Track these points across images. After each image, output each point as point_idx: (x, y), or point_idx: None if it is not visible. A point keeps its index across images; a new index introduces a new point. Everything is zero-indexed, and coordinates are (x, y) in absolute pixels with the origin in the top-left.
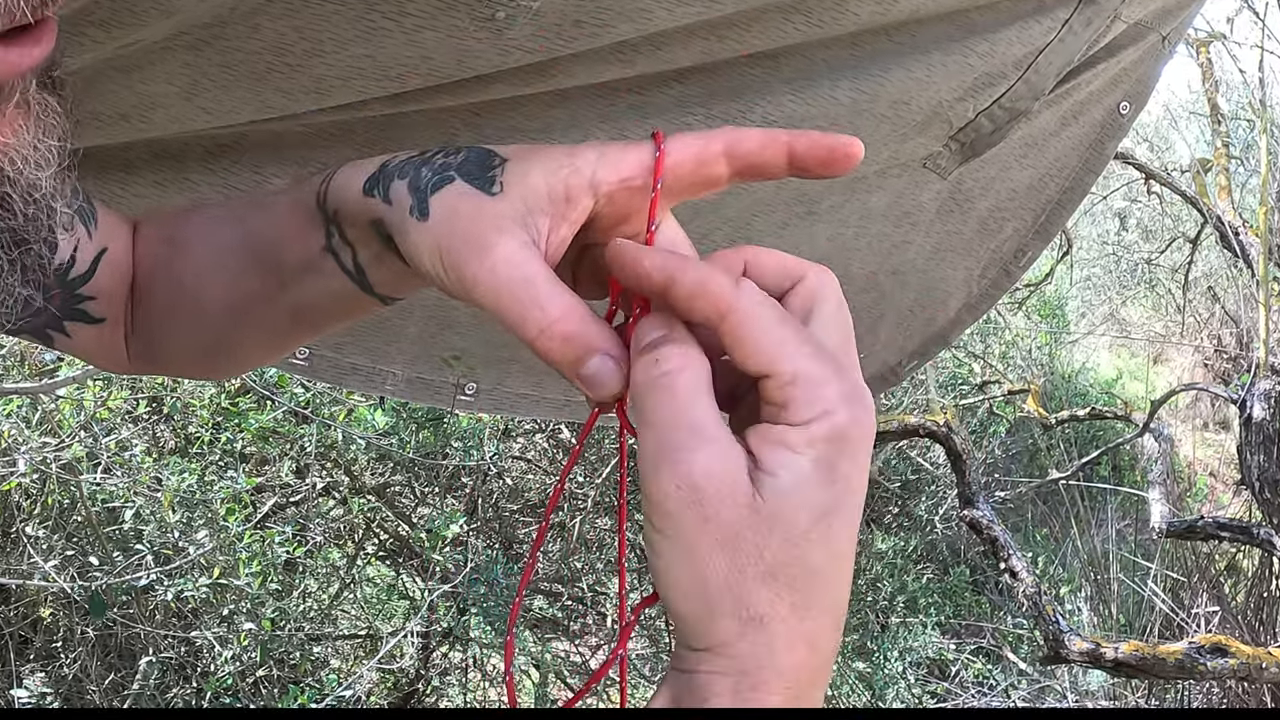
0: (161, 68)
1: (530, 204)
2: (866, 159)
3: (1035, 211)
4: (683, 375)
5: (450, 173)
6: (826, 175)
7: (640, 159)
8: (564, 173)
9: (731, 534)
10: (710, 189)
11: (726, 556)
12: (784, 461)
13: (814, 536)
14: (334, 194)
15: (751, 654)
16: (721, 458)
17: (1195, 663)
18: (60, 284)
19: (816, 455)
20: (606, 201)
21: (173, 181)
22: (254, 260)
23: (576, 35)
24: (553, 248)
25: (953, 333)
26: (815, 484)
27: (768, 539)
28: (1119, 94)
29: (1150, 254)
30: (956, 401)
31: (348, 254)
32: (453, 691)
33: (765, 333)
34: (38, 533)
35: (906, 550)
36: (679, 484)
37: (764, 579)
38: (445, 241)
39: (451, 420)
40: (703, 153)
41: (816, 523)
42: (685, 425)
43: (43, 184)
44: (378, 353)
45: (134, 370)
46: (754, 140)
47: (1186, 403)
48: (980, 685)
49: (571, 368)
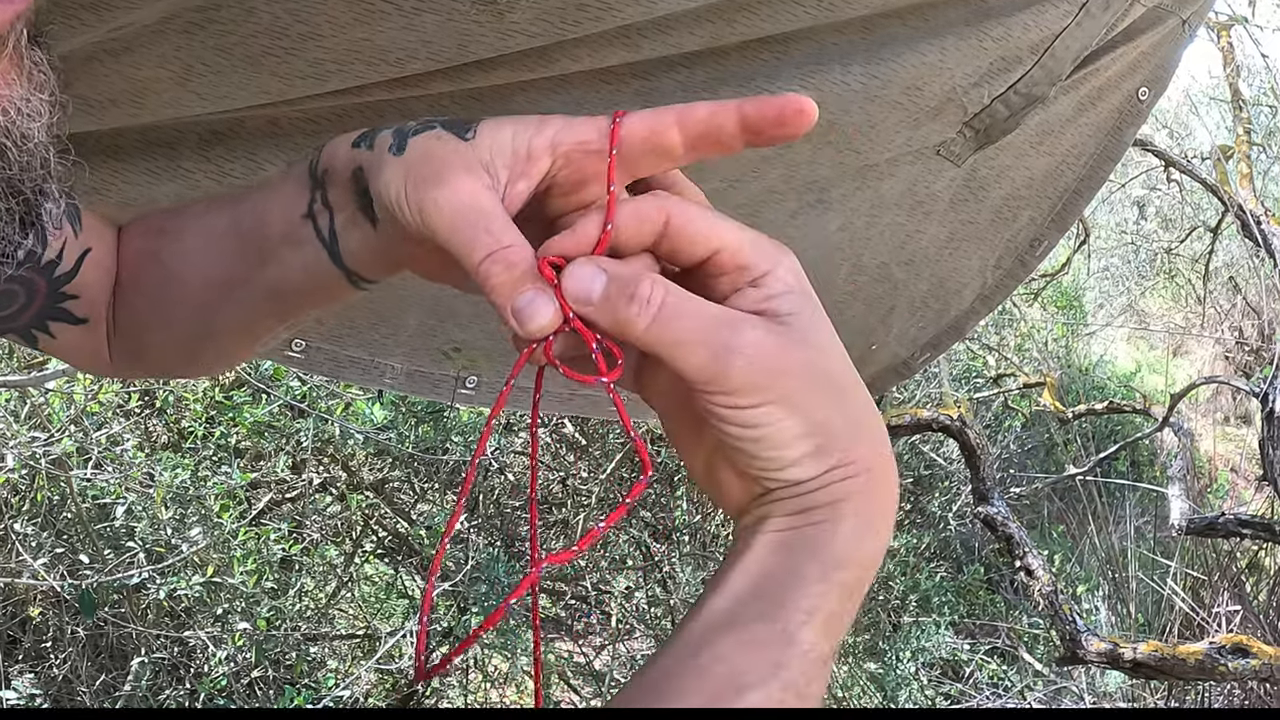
0: (154, 51)
1: (495, 153)
2: (878, 146)
3: (1052, 200)
4: (670, 296)
5: (433, 123)
6: (781, 137)
7: (598, 125)
8: (529, 133)
9: (806, 371)
10: (667, 160)
11: (815, 389)
12: (787, 304)
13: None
14: (326, 156)
15: (867, 452)
16: (752, 327)
17: (1216, 663)
18: (47, 279)
19: (798, 290)
20: (564, 163)
21: (166, 170)
22: (239, 239)
23: (580, 19)
24: (509, 199)
25: (967, 324)
26: (813, 310)
27: (824, 363)
28: (1138, 79)
29: (1170, 243)
30: (970, 395)
31: (325, 218)
32: (453, 693)
33: (703, 218)
34: (26, 530)
35: (919, 548)
36: (748, 360)
37: (839, 392)
38: (412, 173)
39: (452, 414)
40: (656, 122)
41: (833, 339)
42: (713, 323)
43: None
44: (376, 345)
45: (115, 372)
46: (704, 109)
47: (1207, 396)
48: (995, 686)
49: (508, 297)
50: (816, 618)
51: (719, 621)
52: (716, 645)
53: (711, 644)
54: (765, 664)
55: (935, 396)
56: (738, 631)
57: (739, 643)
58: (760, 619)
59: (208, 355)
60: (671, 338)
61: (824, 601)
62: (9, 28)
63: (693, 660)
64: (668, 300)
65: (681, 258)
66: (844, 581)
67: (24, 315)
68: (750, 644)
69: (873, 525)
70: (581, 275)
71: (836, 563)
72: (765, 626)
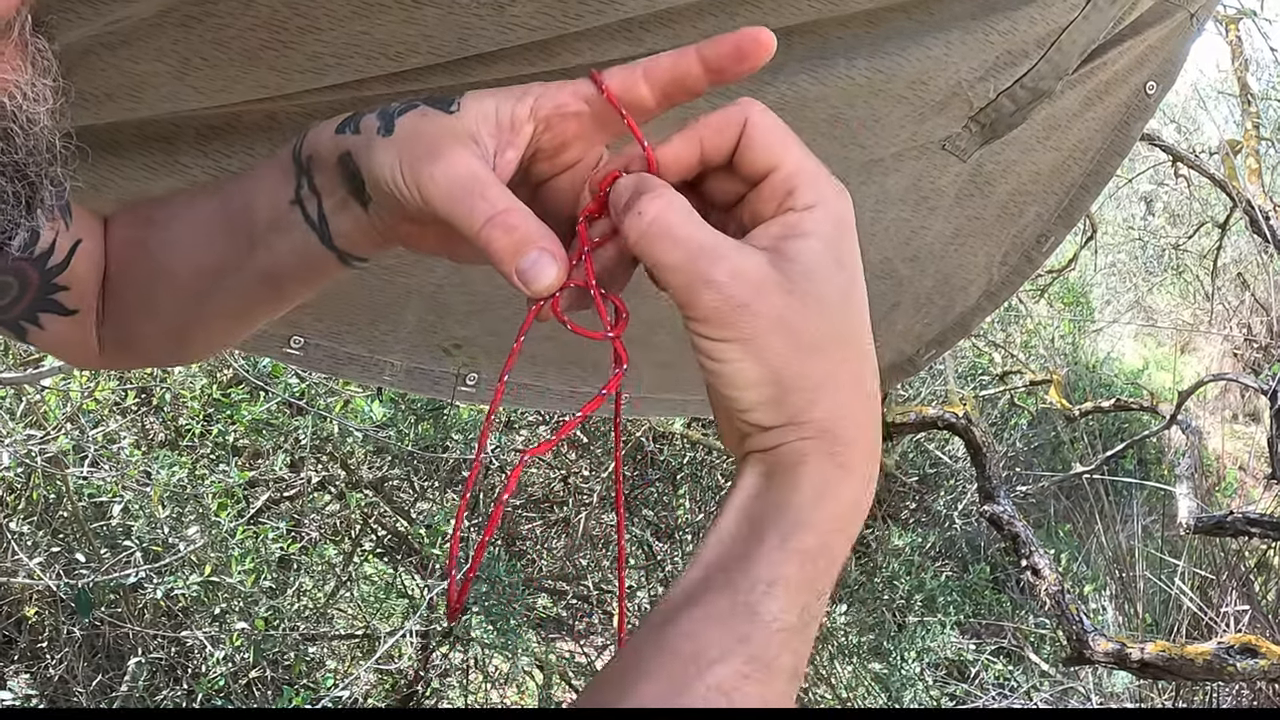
0: (151, 45)
1: (481, 124)
2: (883, 141)
3: (1058, 195)
4: (668, 213)
5: (415, 101)
6: (745, 71)
7: (575, 89)
8: (511, 102)
9: (777, 318)
10: (641, 113)
11: (780, 338)
12: (800, 247)
13: (844, 308)
14: (309, 142)
15: (827, 414)
16: (742, 259)
17: (1224, 663)
18: (39, 271)
19: (824, 235)
20: (545, 127)
21: (163, 165)
22: (227, 226)
23: (582, 12)
24: (500, 168)
25: (972, 321)
26: (831, 264)
27: (807, 316)
28: (1145, 73)
29: (1178, 239)
30: (976, 392)
31: (313, 204)
32: (453, 693)
33: (774, 130)
34: (22, 528)
35: (924, 546)
36: (717, 292)
37: (816, 350)
38: (405, 152)
39: (452, 412)
40: (626, 78)
41: (843, 297)
42: (696, 250)
43: (41, 118)
44: (375, 342)
45: (104, 363)
46: (666, 59)
47: (1215, 394)
48: (1001, 687)
49: (511, 259)
50: (777, 587)
51: (689, 592)
52: (683, 620)
53: (678, 619)
54: (730, 638)
55: (941, 394)
56: (704, 605)
57: (704, 617)
58: (724, 589)
59: (197, 342)
60: (655, 258)
61: (784, 569)
62: (14, 13)
63: (660, 636)
64: (659, 218)
65: (744, 167)
66: (804, 548)
67: (16, 307)
68: (714, 618)
69: (832, 488)
70: (618, 186)
71: (794, 527)
72: (728, 598)
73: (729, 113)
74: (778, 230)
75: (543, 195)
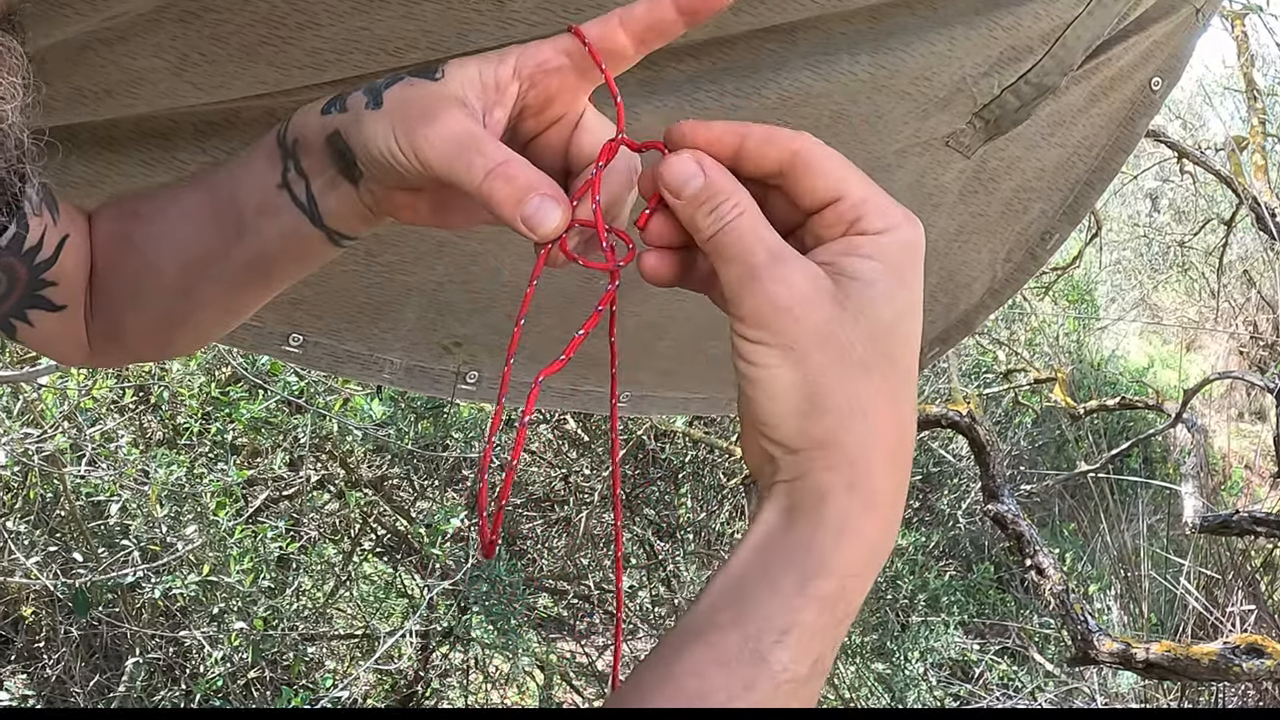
0: (149, 40)
1: (466, 87)
2: (886, 137)
3: (1063, 192)
4: (744, 217)
5: (400, 74)
6: (718, 7)
7: (554, 44)
8: (493, 65)
9: (825, 332)
10: (621, 60)
11: (823, 351)
12: (863, 266)
13: (897, 332)
14: (294, 126)
15: (858, 443)
16: (801, 268)
17: (1230, 664)
18: (28, 266)
19: (891, 260)
20: (529, 85)
21: (161, 161)
22: (213, 216)
23: (582, 6)
24: (490, 128)
25: (976, 318)
26: (893, 283)
27: (856, 334)
28: (1150, 69)
29: (1183, 236)
30: (980, 391)
31: (301, 186)
32: (453, 694)
33: (831, 160)
34: (19, 528)
35: (928, 546)
36: (768, 296)
37: (860, 371)
38: (397, 120)
39: (452, 410)
40: (603, 27)
41: (898, 319)
42: (760, 251)
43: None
44: (375, 340)
45: (94, 360)
46: (641, 5)
47: (1221, 392)
48: (1005, 687)
49: (514, 208)
50: (791, 636)
51: (698, 626)
52: (690, 656)
53: (685, 654)
54: (735, 683)
55: (944, 392)
56: (713, 643)
57: (712, 658)
58: (733, 626)
59: (185, 334)
60: (723, 252)
61: (800, 616)
62: None
63: (667, 670)
64: (737, 222)
65: (802, 197)
66: (823, 594)
67: (5, 303)
68: (721, 660)
69: (852, 526)
70: (681, 169)
71: (815, 571)
72: (737, 638)
73: (779, 132)
74: (840, 247)
75: (532, 151)
